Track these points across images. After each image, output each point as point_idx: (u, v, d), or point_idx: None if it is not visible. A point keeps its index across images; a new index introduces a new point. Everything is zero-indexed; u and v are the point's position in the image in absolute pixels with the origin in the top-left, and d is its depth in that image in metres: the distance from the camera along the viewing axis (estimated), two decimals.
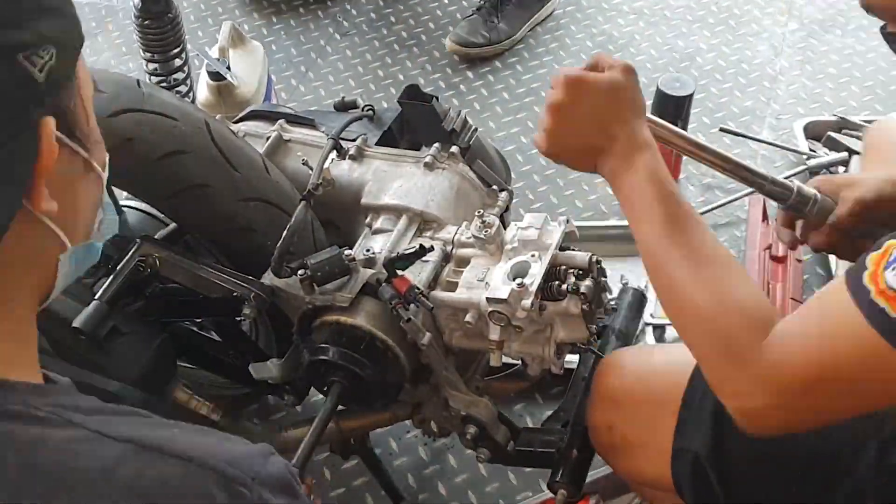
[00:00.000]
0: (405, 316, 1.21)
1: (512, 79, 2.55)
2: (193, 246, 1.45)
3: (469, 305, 1.24)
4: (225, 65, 2.27)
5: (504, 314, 1.19)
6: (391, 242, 1.34)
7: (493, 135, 2.35)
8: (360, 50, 2.68)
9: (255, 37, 2.63)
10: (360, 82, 2.57)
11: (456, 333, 1.30)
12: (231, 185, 1.31)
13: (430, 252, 1.28)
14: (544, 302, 1.19)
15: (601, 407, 1.16)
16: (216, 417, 1.38)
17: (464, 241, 1.33)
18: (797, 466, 1.00)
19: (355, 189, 1.44)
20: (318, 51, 2.70)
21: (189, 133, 1.30)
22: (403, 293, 1.22)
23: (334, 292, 1.26)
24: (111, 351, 1.28)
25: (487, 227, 1.27)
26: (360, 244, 1.37)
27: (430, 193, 1.40)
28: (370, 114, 1.54)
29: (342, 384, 1.26)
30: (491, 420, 1.32)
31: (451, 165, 1.44)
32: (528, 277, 1.20)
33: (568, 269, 1.22)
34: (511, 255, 1.26)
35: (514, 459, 1.35)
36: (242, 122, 1.59)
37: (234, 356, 1.45)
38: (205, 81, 2.29)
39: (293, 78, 2.62)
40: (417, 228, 1.38)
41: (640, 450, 1.16)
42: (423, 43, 2.69)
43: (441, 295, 1.28)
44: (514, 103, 2.47)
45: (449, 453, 1.72)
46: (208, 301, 1.34)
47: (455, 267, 1.32)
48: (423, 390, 1.34)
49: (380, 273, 1.27)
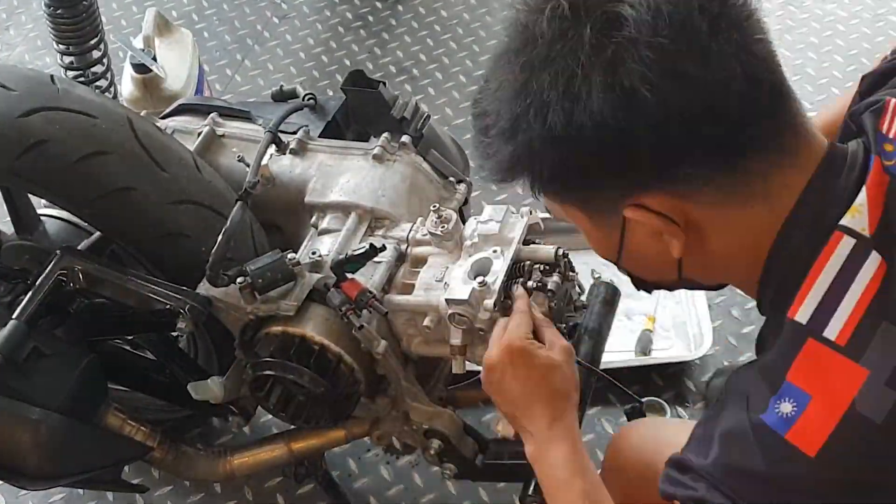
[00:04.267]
0: (357, 323, 1.21)
1: (469, 60, 2.56)
2: (121, 256, 1.44)
3: (427, 308, 1.25)
4: (150, 55, 2.25)
5: (465, 316, 1.20)
6: (339, 243, 1.34)
7: (449, 122, 2.36)
8: (301, 34, 2.67)
9: (183, 24, 2.61)
10: (303, 69, 2.57)
11: (414, 340, 1.30)
12: (159, 187, 1.30)
13: (383, 252, 1.28)
14: (508, 301, 1.20)
15: (613, 485, 1.19)
16: (153, 443, 1.37)
17: (419, 239, 1.33)
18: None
19: (298, 186, 1.43)
20: (254, 36, 2.68)
21: (110, 131, 1.29)
22: (354, 298, 1.22)
23: (278, 300, 1.25)
24: (32, 375, 1.26)
25: (444, 223, 1.27)
26: (305, 247, 1.37)
27: (381, 188, 1.40)
28: (311, 103, 1.54)
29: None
30: (456, 432, 1.33)
31: (402, 157, 1.44)
32: (490, 275, 1.21)
33: (533, 264, 1.22)
34: (471, 252, 1.26)
35: (484, 474, 1.35)
36: (171, 118, 1.58)
37: (171, 375, 1.44)
38: (129, 74, 2.27)
39: (228, 67, 2.60)
40: (368, 227, 1.38)
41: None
42: (370, 24, 2.69)
43: (396, 298, 1.28)
44: (471, 87, 2.47)
45: (414, 471, 1.72)
46: (139, 316, 1.33)
47: (411, 267, 1.32)
48: (380, 404, 1.34)
49: (328, 277, 1.27)
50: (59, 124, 1.26)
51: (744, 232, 0.89)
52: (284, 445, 1.42)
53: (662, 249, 0.91)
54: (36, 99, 1.26)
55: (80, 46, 2.23)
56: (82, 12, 2.20)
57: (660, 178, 0.86)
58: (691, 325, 1.87)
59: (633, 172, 0.86)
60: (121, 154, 1.29)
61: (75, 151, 1.26)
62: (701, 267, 0.95)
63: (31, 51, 2.66)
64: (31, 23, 2.74)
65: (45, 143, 1.25)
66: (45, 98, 1.27)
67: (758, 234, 0.89)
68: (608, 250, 0.97)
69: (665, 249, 0.91)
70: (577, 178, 0.89)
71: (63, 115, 1.27)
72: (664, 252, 0.91)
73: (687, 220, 0.88)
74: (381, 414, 1.36)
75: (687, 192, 0.86)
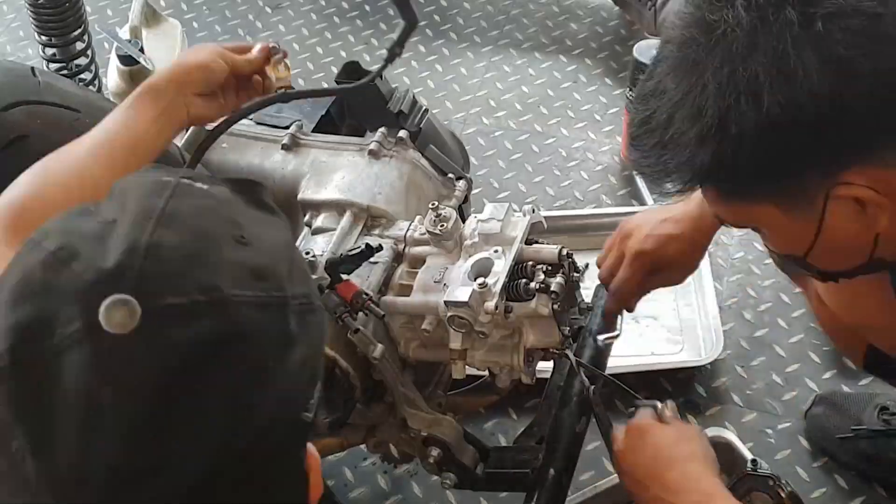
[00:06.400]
0: (353, 326, 1.21)
1: (470, 52, 2.56)
2: None
3: (426, 311, 1.24)
4: (137, 47, 2.25)
5: (466, 319, 1.19)
6: (334, 243, 1.34)
7: (449, 116, 2.36)
8: (294, 24, 2.67)
9: (172, 13, 2.61)
10: (296, 61, 2.56)
11: (412, 344, 1.30)
12: None
13: (379, 252, 1.28)
14: (510, 303, 1.20)
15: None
16: None
17: (417, 238, 1.33)
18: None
19: (290, 183, 1.43)
20: (246, 27, 2.68)
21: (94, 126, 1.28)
22: (350, 300, 1.22)
23: None
24: None
25: (443, 221, 1.27)
26: (298, 246, 1.37)
27: (377, 185, 1.40)
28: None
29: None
30: (456, 440, 1.32)
31: (399, 153, 1.44)
32: (491, 276, 1.20)
33: (535, 264, 1.22)
34: (471, 252, 1.26)
35: (485, 483, 1.35)
36: None
37: None
38: (115, 67, 2.27)
39: None
40: (364, 226, 1.38)
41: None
42: (367, 14, 2.68)
43: (393, 300, 1.28)
44: (473, 80, 2.47)
45: (412, 481, 1.72)
46: None
47: (408, 268, 1.32)
48: (377, 410, 1.34)
49: (322, 278, 1.26)
50: (40, 119, 1.26)
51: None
52: None
53: (861, 229, 0.98)
54: (16, 92, 1.26)
55: (63, 38, 2.23)
56: (65, 2, 2.19)
57: (869, 149, 0.93)
58: (701, 329, 1.86)
59: (843, 148, 0.93)
60: None
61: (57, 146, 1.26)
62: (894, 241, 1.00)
63: (12, 42, 2.66)
64: (13, 13, 2.74)
65: (25, 139, 1.25)
66: (25, 91, 1.27)
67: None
68: (799, 244, 1.02)
69: (863, 229, 0.98)
70: (784, 165, 0.95)
71: (45, 109, 1.27)
72: (862, 232, 0.98)
73: (889, 188, 0.94)
74: (378, 421, 1.36)
75: (889, 160, 0.93)
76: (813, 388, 1.76)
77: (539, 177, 2.23)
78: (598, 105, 2.37)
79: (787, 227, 1.01)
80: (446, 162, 1.48)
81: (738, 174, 0.96)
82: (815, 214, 0.97)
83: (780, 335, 1.84)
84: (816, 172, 0.95)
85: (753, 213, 1.02)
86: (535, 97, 2.41)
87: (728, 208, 1.05)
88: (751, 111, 0.91)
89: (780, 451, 1.68)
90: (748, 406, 1.76)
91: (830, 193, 0.95)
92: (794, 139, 0.92)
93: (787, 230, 1.02)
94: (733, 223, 1.10)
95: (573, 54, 2.51)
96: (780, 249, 1.10)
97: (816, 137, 0.92)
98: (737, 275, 1.92)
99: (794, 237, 1.02)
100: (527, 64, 2.50)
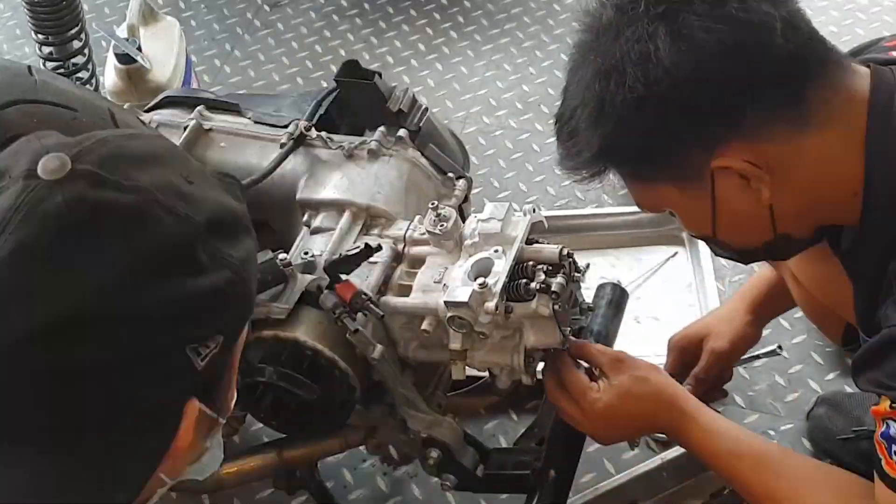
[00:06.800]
0: (352, 327, 1.21)
1: (470, 50, 2.56)
2: None
3: (425, 311, 1.24)
4: (135, 45, 2.24)
5: (465, 319, 1.20)
6: (333, 243, 1.34)
7: (450, 115, 2.36)
8: (293, 23, 2.67)
9: (170, 12, 2.61)
10: (295, 60, 2.57)
11: (412, 344, 1.30)
12: None
13: (379, 252, 1.28)
14: (510, 303, 1.20)
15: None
16: None
17: (417, 238, 1.33)
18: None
19: (289, 183, 1.43)
20: (244, 25, 2.68)
21: (90, 126, 1.28)
22: (349, 301, 1.22)
23: (269, 303, 1.25)
24: None
25: (443, 221, 1.27)
26: (297, 246, 1.37)
27: (376, 185, 1.40)
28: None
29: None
30: (456, 442, 1.33)
31: (399, 152, 1.44)
32: (492, 276, 1.20)
33: (536, 264, 1.22)
34: (471, 252, 1.26)
35: (485, 485, 1.35)
36: (155, 111, 1.58)
37: None
38: (112, 65, 2.27)
39: (216, 58, 2.60)
40: (363, 225, 1.38)
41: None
42: (366, 13, 2.68)
43: (393, 301, 1.28)
44: (473, 78, 2.47)
45: (412, 482, 1.71)
46: None
47: (408, 268, 1.32)
48: (377, 411, 1.34)
49: (321, 279, 1.27)
50: (36, 118, 1.25)
51: (826, 159, 1.04)
52: (276, 455, 1.42)
53: (753, 201, 1.05)
54: (12, 91, 1.26)
55: (60, 36, 2.23)
56: (62, 0, 2.19)
57: (737, 124, 1.02)
58: None
59: (711, 122, 1.02)
60: None
61: None
62: (794, 212, 1.08)
63: (8, 41, 2.66)
64: (10, 11, 2.74)
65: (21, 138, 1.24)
66: (22, 90, 1.27)
67: (841, 158, 1.04)
68: (703, 222, 1.11)
69: (754, 202, 1.05)
70: (663, 144, 1.05)
71: (41, 108, 1.26)
72: (756, 204, 1.06)
73: (768, 161, 1.03)
74: (378, 422, 1.36)
75: (760, 132, 1.02)
76: (815, 389, 1.76)
77: (540, 176, 2.23)
78: None
79: (688, 206, 1.11)
80: (446, 161, 1.48)
81: (626, 155, 1.08)
82: (706, 190, 1.06)
83: (782, 336, 1.84)
84: (697, 148, 1.04)
85: (657, 193, 1.11)
86: (535, 96, 2.41)
87: (636, 190, 1.14)
88: (618, 91, 1.02)
89: None
90: (750, 407, 1.76)
91: (712, 168, 1.04)
92: (665, 116, 1.02)
93: (689, 209, 1.12)
94: (648, 206, 1.18)
95: None
96: (691, 230, 1.19)
97: (684, 114, 1.02)
98: (739, 275, 1.92)
99: (696, 216, 1.11)
100: (527, 62, 2.50)
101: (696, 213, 1.11)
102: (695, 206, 1.10)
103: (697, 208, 1.09)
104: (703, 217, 1.10)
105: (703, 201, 1.08)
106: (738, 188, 1.05)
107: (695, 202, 1.09)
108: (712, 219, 1.10)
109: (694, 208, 1.10)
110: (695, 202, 1.09)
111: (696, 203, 1.09)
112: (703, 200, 1.08)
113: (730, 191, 1.06)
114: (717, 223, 1.10)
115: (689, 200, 1.09)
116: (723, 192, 1.06)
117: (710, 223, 1.10)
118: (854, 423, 1.60)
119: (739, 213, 1.08)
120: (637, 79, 1.01)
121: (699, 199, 1.08)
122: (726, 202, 1.07)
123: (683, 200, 1.10)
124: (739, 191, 1.05)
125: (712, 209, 1.08)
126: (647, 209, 1.20)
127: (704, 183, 1.06)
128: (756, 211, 1.07)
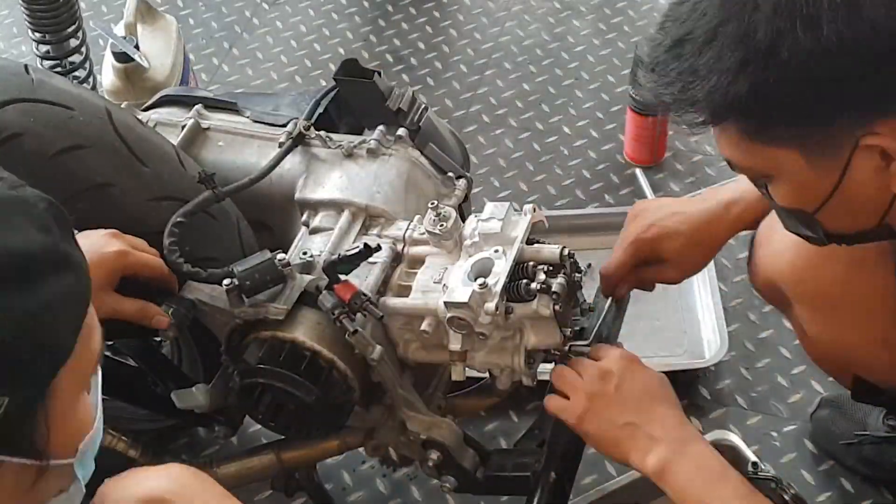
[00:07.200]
0: (351, 327, 1.21)
1: (470, 49, 2.55)
2: None
3: (425, 312, 1.24)
4: (133, 43, 2.25)
5: (465, 320, 1.19)
6: (332, 243, 1.34)
7: (450, 114, 2.35)
8: (292, 21, 2.67)
9: (168, 10, 2.61)
10: (294, 58, 2.56)
11: (411, 345, 1.30)
12: (139, 183, 1.30)
13: (378, 252, 1.28)
14: (511, 304, 1.20)
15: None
16: (135, 454, 1.37)
17: (416, 238, 1.33)
18: None
19: (288, 182, 1.43)
20: (242, 23, 2.68)
21: (88, 124, 1.29)
22: (348, 301, 1.21)
23: (267, 304, 1.25)
24: None
25: (443, 221, 1.27)
26: (295, 246, 1.37)
27: (376, 184, 1.40)
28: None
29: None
30: (456, 443, 1.32)
31: (398, 151, 1.44)
32: (492, 276, 1.20)
33: (537, 265, 1.22)
34: (471, 252, 1.26)
35: (485, 487, 1.35)
36: (153, 110, 1.58)
37: (153, 383, 1.44)
38: (110, 64, 2.27)
39: (215, 56, 2.60)
40: (362, 225, 1.37)
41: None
42: (365, 11, 2.68)
43: (392, 301, 1.27)
44: (473, 77, 2.47)
45: (412, 484, 1.72)
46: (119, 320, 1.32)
47: (407, 268, 1.32)
48: (376, 413, 1.34)
49: (320, 279, 1.26)
50: (33, 117, 1.25)
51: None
52: (274, 456, 1.42)
53: (881, 187, 0.96)
54: (9, 90, 1.26)
55: (57, 34, 2.22)
56: None
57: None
58: (705, 330, 1.86)
59: (885, 94, 0.91)
60: (99, 148, 1.29)
61: (51, 145, 1.26)
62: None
63: (5, 39, 2.66)
64: (6, 9, 2.73)
65: (19, 137, 1.24)
66: (18, 89, 1.27)
67: None
68: (813, 197, 1.00)
69: (882, 187, 0.96)
70: (822, 103, 0.92)
71: (38, 106, 1.26)
72: (882, 190, 0.97)
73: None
74: (377, 423, 1.36)
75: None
76: (818, 390, 1.76)
77: (540, 175, 2.23)
78: (601, 103, 2.37)
79: (806, 176, 0.98)
80: (446, 160, 1.48)
81: (772, 109, 0.93)
82: (838, 163, 0.95)
83: (785, 337, 1.84)
84: (852, 116, 0.93)
85: (773, 158, 0.98)
86: (536, 94, 2.41)
87: (746, 150, 0.99)
88: (807, 38, 0.88)
89: (786, 454, 1.68)
90: (753, 408, 1.76)
91: (860, 142, 0.93)
92: (842, 75, 0.90)
93: (805, 180, 0.99)
94: (748, 169, 1.04)
95: (575, 51, 2.50)
96: (790, 202, 1.04)
97: (863, 77, 0.90)
98: (741, 275, 1.92)
99: (810, 189, 0.99)
100: (528, 61, 2.50)
101: (810, 187, 0.99)
102: (814, 179, 0.98)
103: (816, 182, 0.98)
104: (817, 193, 0.99)
105: (828, 175, 0.97)
106: (872, 170, 0.95)
107: (816, 174, 0.97)
108: (826, 196, 0.99)
109: (812, 181, 0.99)
110: (816, 174, 0.97)
111: (817, 176, 0.97)
112: (828, 174, 0.97)
113: (864, 172, 0.96)
114: (829, 201, 0.99)
115: (810, 171, 0.97)
116: (857, 171, 0.96)
117: (821, 200, 1.00)
118: (858, 426, 1.60)
119: (858, 196, 0.99)
120: (835, 30, 0.87)
121: (825, 172, 0.97)
122: (854, 181, 0.97)
123: (804, 171, 0.98)
124: (873, 173, 0.95)
125: (834, 186, 0.97)
126: (745, 172, 1.06)
127: (840, 155, 0.95)
128: (878, 196, 0.98)
